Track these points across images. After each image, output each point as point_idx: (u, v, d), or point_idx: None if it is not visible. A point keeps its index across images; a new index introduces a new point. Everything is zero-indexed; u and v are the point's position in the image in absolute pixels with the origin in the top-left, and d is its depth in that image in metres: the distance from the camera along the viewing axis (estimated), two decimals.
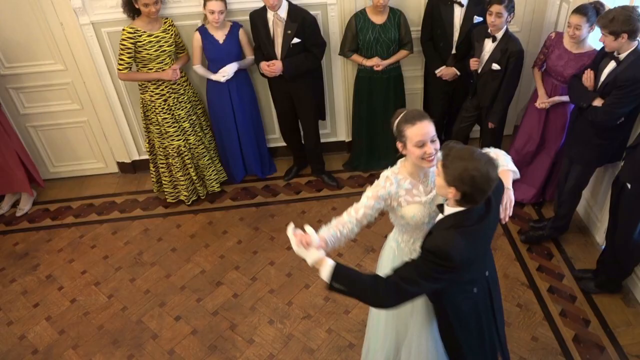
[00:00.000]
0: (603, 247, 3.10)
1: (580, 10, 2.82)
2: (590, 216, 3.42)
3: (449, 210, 1.79)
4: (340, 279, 1.77)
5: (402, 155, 1.96)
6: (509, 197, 1.92)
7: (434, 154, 1.84)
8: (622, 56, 2.60)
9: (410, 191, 1.96)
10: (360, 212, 1.98)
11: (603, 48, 2.76)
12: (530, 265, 3.24)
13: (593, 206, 3.38)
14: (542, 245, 3.36)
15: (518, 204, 3.65)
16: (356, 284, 1.80)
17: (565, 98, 3.08)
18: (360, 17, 3.40)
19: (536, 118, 3.28)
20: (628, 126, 2.80)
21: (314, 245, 1.78)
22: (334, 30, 3.60)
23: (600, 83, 2.73)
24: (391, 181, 1.96)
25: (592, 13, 2.82)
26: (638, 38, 2.54)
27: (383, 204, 1.99)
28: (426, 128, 1.82)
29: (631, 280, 3.00)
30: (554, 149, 3.34)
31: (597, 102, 2.70)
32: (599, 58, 2.79)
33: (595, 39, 2.96)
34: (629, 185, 2.60)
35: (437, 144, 1.86)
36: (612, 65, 2.67)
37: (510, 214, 1.93)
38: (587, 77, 2.77)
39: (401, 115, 1.89)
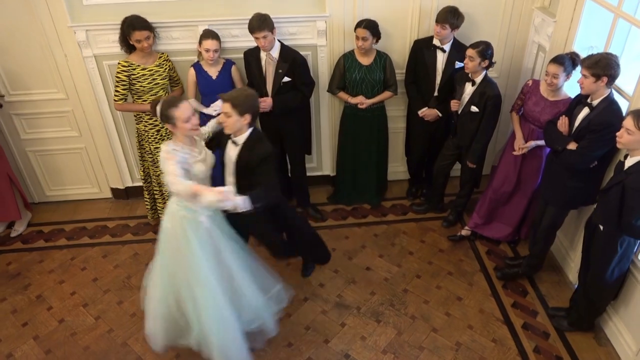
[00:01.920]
0: (576, 286, 2.94)
1: (557, 60, 2.75)
2: (563, 256, 3.25)
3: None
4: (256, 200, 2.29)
5: None
6: None
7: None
8: (595, 102, 2.53)
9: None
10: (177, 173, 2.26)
11: (577, 96, 2.69)
12: (506, 301, 3.08)
13: (567, 246, 3.22)
14: (517, 282, 3.19)
15: (494, 242, 3.52)
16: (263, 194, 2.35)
17: (542, 142, 2.96)
18: (348, 57, 3.32)
19: (513, 160, 3.15)
20: (601, 170, 2.70)
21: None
22: (323, 70, 3.50)
23: (574, 128, 2.64)
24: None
25: (568, 63, 2.75)
26: (612, 86, 2.48)
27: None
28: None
29: (603, 320, 2.85)
30: (530, 190, 3.21)
31: (572, 146, 2.60)
32: (573, 105, 2.71)
33: (570, 88, 2.90)
34: (601, 227, 2.48)
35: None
36: (585, 111, 2.59)
37: None
38: (562, 123, 2.69)
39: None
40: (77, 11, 3.16)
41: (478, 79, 3.07)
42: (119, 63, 3.08)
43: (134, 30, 2.99)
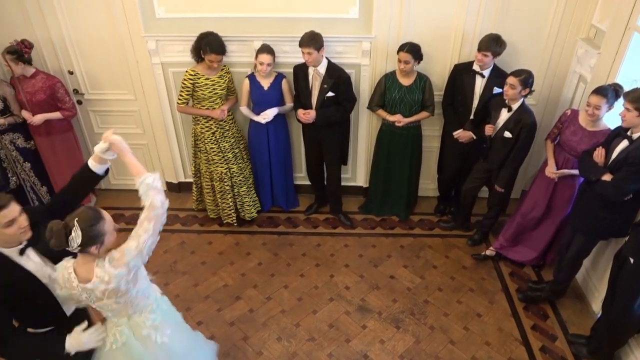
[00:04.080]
0: (599, 315, 2.76)
1: (600, 92, 2.58)
2: (588, 284, 3.06)
3: None
4: None
5: None
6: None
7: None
8: (635, 135, 2.36)
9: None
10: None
11: (617, 128, 2.51)
12: (525, 323, 2.93)
13: (592, 275, 3.02)
14: (538, 306, 3.04)
15: (518, 264, 3.36)
16: None
17: (575, 171, 2.79)
18: (389, 78, 3.28)
19: (544, 187, 3.00)
20: (636, 203, 2.50)
21: None
22: (364, 87, 3.47)
23: (611, 160, 2.47)
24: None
25: (611, 95, 2.57)
26: None
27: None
28: None
29: (624, 352, 2.65)
30: (559, 218, 3.04)
31: (607, 177, 2.43)
32: (612, 137, 2.53)
33: (610, 119, 2.72)
34: (631, 260, 2.31)
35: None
36: (624, 143, 2.42)
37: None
38: (599, 154, 2.52)
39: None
40: (150, 23, 3.31)
41: (515, 106, 2.94)
42: (186, 71, 3.19)
43: (211, 52, 3.07)
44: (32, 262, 1.78)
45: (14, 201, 1.69)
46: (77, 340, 1.81)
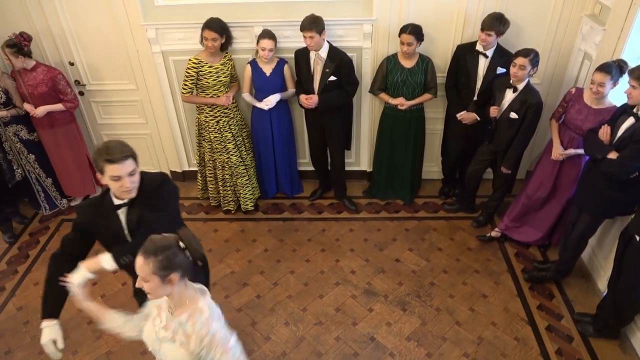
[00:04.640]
0: (605, 293, 2.76)
1: (604, 69, 2.53)
2: (594, 263, 3.06)
3: None
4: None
5: None
6: None
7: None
8: None
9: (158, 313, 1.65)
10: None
11: (623, 105, 2.48)
12: (531, 302, 2.94)
13: (598, 254, 3.02)
14: (544, 286, 3.04)
15: (524, 245, 3.35)
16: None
17: (581, 151, 2.76)
18: (391, 60, 3.24)
19: (550, 167, 2.97)
20: None
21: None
22: (366, 70, 3.43)
23: (616, 138, 2.44)
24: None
25: (615, 71, 2.52)
26: None
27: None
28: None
29: (630, 329, 2.66)
30: (565, 197, 3.02)
31: (612, 155, 2.41)
32: (617, 114, 2.49)
33: (616, 96, 2.69)
34: (637, 238, 2.30)
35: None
36: (630, 121, 2.38)
37: None
38: (604, 132, 2.48)
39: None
40: (149, 11, 3.27)
41: (520, 86, 2.89)
42: (189, 60, 3.16)
43: (205, 28, 3.05)
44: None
45: (132, 159, 1.71)
46: (46, 331, 1.83)
